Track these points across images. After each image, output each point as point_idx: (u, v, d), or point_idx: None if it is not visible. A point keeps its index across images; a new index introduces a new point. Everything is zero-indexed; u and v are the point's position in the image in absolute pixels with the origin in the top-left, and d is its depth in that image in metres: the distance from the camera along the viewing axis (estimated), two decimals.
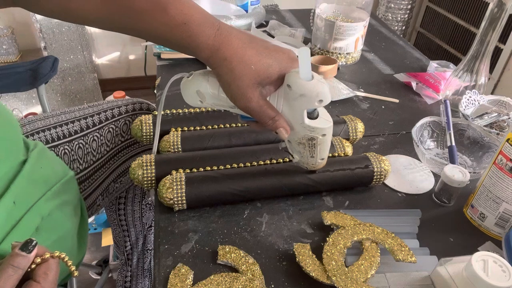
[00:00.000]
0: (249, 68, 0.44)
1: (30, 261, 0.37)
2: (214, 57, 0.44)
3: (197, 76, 0.48)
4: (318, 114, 0.49)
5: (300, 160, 0.56)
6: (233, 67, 0.44)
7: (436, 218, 0.60)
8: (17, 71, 1.15)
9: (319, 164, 0.56)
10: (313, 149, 0.52)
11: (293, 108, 0.47)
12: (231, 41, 0.44)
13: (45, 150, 0.62)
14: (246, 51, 0.44)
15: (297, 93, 0.45)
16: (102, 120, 0.77)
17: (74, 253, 0.62)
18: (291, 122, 0.49)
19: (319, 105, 0.45)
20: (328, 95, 0.45)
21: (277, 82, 0.47)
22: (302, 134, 0.50)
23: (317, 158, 0.54)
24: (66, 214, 0.59)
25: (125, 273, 1.03)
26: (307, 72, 0.44)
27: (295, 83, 0.45)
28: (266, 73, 0.45)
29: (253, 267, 0.49)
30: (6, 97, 1.90)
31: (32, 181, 0.54)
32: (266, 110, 0.47)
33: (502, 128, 0.76)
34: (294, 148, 0.54)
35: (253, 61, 0.44)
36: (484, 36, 0.78)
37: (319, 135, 0.49)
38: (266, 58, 0.45)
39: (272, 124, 0.48)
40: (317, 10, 1.02)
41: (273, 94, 0.48)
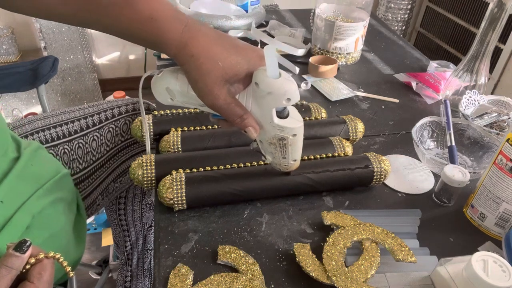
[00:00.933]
0: (216, 65, 0.43)
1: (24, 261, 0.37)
2: (181, 54, 0.44)
3: (167, 73, 0.48)
4: (288, 114, 0.48)
5: (272, 161, 0.55)
6: (200, 64, 0.43)
7: (436, 218, 0.60)
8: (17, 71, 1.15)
9: (291, 165, 0.55)
10: (284, 150, 0.51)
11: (261, 106, 0.47)
12: (198, 38, 0.43)
13: (39, 149, 0.62)
14: (213, 48, 0.43)
15: (264, 91, 0.44)
16: (102, 120, 0.77)
17: (71, 251, 0.61)
18: (261, 121, 0.48)
19: (287, 103, 0.45)
20: (296, 93, 0.45)
21: (246, 80, 0.46)
22: (272, 134, 0.49)
23: (289, 159, 0.53)
24: (58, 211, 0.59)
25: (125, 273, 1.03)
26: (274, 70, 0.44)
27: (262, 81, 0.44)
28: (234, 71, 0.44)
29: (253, 267, 0.49)
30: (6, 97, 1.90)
31: (22, 178, 0.54)
32: (234, 108, 0.46)
33: (502, 128, 0.76)
34: (266, 148, 0.53)
35: (221, 58, 0.43)
36: (484, 36, 0.78)
37: (290, 135, 0.49)
38: (234, 55, 0.44)
39: (241, 122, 0.47)
40: (317, 10, 1.01)
41: (242, 92, 0.47)
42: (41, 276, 0.37)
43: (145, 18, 0.43)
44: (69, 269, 0.41)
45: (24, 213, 0.51)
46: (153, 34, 0.43)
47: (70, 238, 0.61)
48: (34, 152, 0.59)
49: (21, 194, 0.53)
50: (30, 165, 0.56)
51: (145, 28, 0.43)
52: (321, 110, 0.73)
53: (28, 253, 0.37)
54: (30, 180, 0.55)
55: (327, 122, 0.70)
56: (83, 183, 0.75)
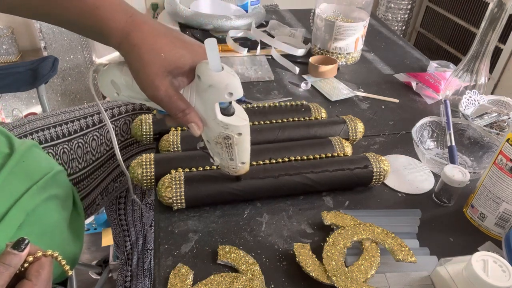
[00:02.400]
0: (158, 56, 0.43)
1: (22, 259, 0.37)
2: (124, 43, 0.43)
3: (112, 66, 0.47)
4: (234, 112, 0.48)
5: (220, 163, 0.54)
6: (142, 54, 0.42)
7: (436, 218, 0.60)
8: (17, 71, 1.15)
9: (240, 168, 0.54)
10: (230, 150, 0.50)
11: (204, 101, 0.46)
12: (142, 28, 0.43)
13: (33, 147, 0.62)
14: (157, 39, 0.43)
15: (206, 84, 0.44)
16: (102, 119, 0.77)
17: (68, 248, 0.61)
18: (205, 118, 0.47)
19: (229, 98, 0.44)
20: (238, 88, 0.44)
21: (190, 75, 0.46)
22: (217, 132, 0.48)
23: (236, 161, 0.52)
24: (51, 208, 0.59)
25: (125, 273, 1.03)
26: (216, 63, 0.43)
27: (204, 73, 0.43)
28: (177, 63, 0.44)
29: (253, 267, 0.49)
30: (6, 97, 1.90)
31: (14, 175, 0.54)
32: (176, 101, 0.45)
33: (502, 128, 0.76)
34: (213, 149, 0.52)
35: (164, 50, 0.43)
36: (484, 36, 0.78)
37: (235, 133, 0.48)
38: (179, 48, 0.44)
39: (183, 117, 0.46)
40: (317, 10, 1.01)
41: (186, 87, 0.47)
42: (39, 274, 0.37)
43: (90, 7, 0.42)
44: (68, 268, 0.41)
45: (17, 211, 0.51)
46: (97, 23, 0.43)
47: (65, 235, 0.61)
48: (27, 150, 0.59)
49: (13, 191, 0.53)
50: (22, 162, 0.56)
51: (91, 17, 0.43)
52: (321, 110, 0.73)
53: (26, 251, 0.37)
54: (22, 177, 0.55)
55: (327, 122, 0.70)
56: (83, 183, 0.75)
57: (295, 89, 0.92)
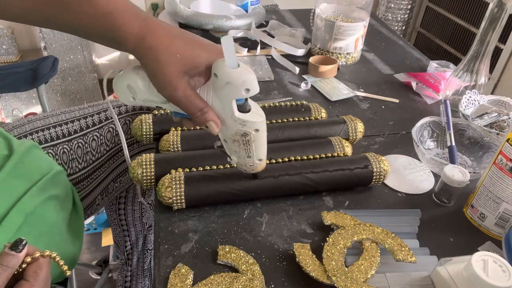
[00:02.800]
0: (174, 57, 0.43)
1: (19, 260, 0.37)
2: (140, 47, 0.43)
3: (128, 70, 0.48)
4: (250, 109, 0.48)
5: (238, 161, 0.54)
6: (158, 56, 0.43)
7: (436, 218, 0.60)
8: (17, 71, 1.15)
9: (257, 165, 0.54)
10: (248, 147, 0.51)
11: (221, 99, 0.46)
12: (157, 31, 0.43)
13: (32, 147, 0.62)
14: (172, 40, 0.44)
15: (223, 81, 0.44)
16: (102, 119, 0.77)
17: (67, 248, 0.61)
18: (222, 116, 0.48)
19: (246, 94, 0.44)
20: (255, 84, 0.44)
21: (207, 74, 0.46)
22: (235, 129, 0.48)
23: (254, 158, 0.53)
24: (50, 209, 0.59)
25: (125, 273, 1.03)
26: (232, 60, 0.43)
27: (221, 70, 0.44)
28: (193, 63, 0.44)
29: (253, 267, 0.49)
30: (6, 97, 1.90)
31: (13, 176, 0.54)
32: (193, 101, 0.45)
33: (502, 128, 0.76)
34: (230, 147, 0.52)
35: (180, 51, 0.43)
36: (484, 36, 0.78)
37: (252, 130, 0.48)
38: (193, 48, 0.44)
39: (201, 116, 0.46)
40: (317, 10, 1.01)
41: (203, 86, 0.47)
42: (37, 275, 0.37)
43: (104, 12, 0.42)
44: (66, 268, 0.41)
45: (17, 212, 0.51)
46: (111, 28, 0.43)
47: (64, 235, 0.61)
48: (26, 151, 0.59)
49: (13, 192, 0.53)
50: (21, 163, 0.56)
51: (104, 23, 0.43)
52: (321, 110, 0.73)
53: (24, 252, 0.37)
54: (21, 178, 0.55)
55: (327, 122, 0.70)
56: (83, 183, 0.75)
57: (295, 89, 0.92)
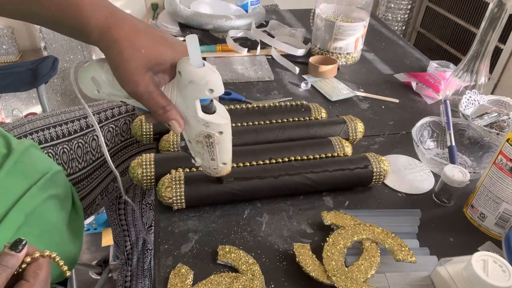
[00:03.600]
0: (139, 52, 0.43)
1: (19, 260, 0.37)
2: (104, 39, 0.43)
3: (93, 62, 0.47)
4: (215, 110, 0.47)
5: (202, 164, 0.54)
6: (122, 50, 0.42)
7: (436, 218, 0.60)
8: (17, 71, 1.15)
9: (221, 169, 0.53)
10: (211, 149, 0.50)
11: (185, 98, 0.46)
12: (123, 24, 0.43)
13: (31, 147, 0.62)
14: (138, 35, 0.43)
15: (186, 80, 0.44)
16: (102, 119, 0.77)
17: (67, 248, 0.61)
18: (186, 116, 0.47)
19: (210, 95, 0.44)
20: (219, 85, 0.44)
21: (172, 72, 0.46)
22: (198, 130, 0.48)
23: (218, 162, 0.52)
24: (50, 208, 0.59)
25: (125, 273, 1.03)
26: (197, 59, 0.43)
27: (185, 69, 0.43)
28: (157, 59, 0.44)
29: (253, 267, 0.49)
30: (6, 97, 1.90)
31: (11, 175, 0.54)
32: (156, 98, 0.45)
33: (502, 128, 0.76)
34: (194, 148, 0.52)
35: (144, 46, 0.43)
36: (484, 36, 0.78)
37: (216, 132, 0.48)
38: (159, 45, 0.44)
39: (163, 114, 0.46)
40: (317, 10, 1.01)
41: (167, 84, 0.47)
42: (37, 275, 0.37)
43: (71, 3, 0.42)
44: (66, 268, 0.41)
45: (17, 212, 0.51)
46: (77, 19, 0.42)
47: (64, 235, 0.61)
48: (25, 150, 0.59)
49: (12, 191, 0.53)
50: (19, 162, 0.56)
51: (70, 14, 0.42)
52: (321, 110, 0.73)
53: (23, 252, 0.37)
54: (20, 177, 0.55)
55: (327, 122, 0.70)
56: (83, 183, 0.75)
57: (295, 89, 0.92)
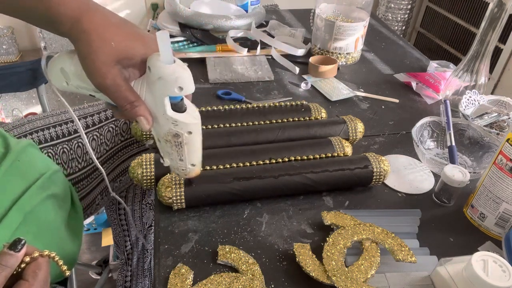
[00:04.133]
0: (108, 44, 0.42)
1: (18, 259, 0.37)
2: (74, 30, 0.42)
3: (63, 53, 0.46)
4: (185, 109, 0.47)
5: (170, 164, 0.53)
6: (91, 41, 0.42)
7: (436, 218, 0.60)
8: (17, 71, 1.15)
9: (190, 170, 0.52)
10: (180, 150, 0.49)
11: (154, 94, 0.45)
12: (94, 15, 0.42)
13: (29, 146, 0.62)
14: (109, 28, 0.42)
15: (155, 76, 0.43)
16: (102, 119, 0.77)
17: (66, 247, 0.61)
18: (155, 113, 0.46)
19: (179, 92, 0.43)
20: (189, 82, 0.43)
21: (142, 68, 0.45)
22: (167, 129, 0.47)
23: (186, 163, 0.51)
24: (49, 208, 0.59)
25: (125, 272, 1.03)
26: (168, 55, 0.42)
27: (154, 64, 0.43)
28: (127, 53, 0.43)
29: (253, 267, 0.49)
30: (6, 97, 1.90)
31: (9, 175, 0.54)
32: (124, 92, 0.44)
33: (502, 128, 0.76)
34: (163, 147, 0.51)
35: (115, 39, 0.42)
36: (484, 36, 0.78)
37: (185, 132, 0.47)
38: (131, 40, 0.43)
39: (131, 109, 0.45)
40: (317, 10, 1.01)
41: (137, 80, 0.46)
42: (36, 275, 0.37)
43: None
44: (65, 268, 0.41)
45: (16, 212, 0.51)
46: (48, 9, 0.42)
47: (63, 234, 0.61)
48: (23, 149, 0.59)
49: (10, 190, 0.53)
50: (17, 161, 0.56)
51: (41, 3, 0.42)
52: (321, 110, 0.73)
53: (22, 252, 0.37)
54: (18, 177, 0.55)
55: (327, 122, 0.70)
56: (82, 182, 0.75)
57: (295, 89, 0.92)
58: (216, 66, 0.97)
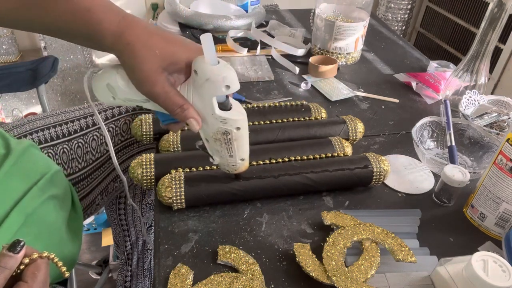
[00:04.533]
0: (153, 53, 0.43)
1: (17, 261, 0.37)
2: (118, 43, 0.43)
3: (107, 68, 0.47)
4: (231, 107, 0.48)
5: (220, 161, 0.54)
6: (137, 51, 0.43)
7: (436, 218, 0.60)
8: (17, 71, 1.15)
9: (240, 165, 0.53)
10: (230, 146, 0.50)
11: (202, 96, 0.46)
12: (135, 28, 0.43)
13: (30, 147, 0.62)
14: (151, 37, 0.43)
15: (203, 78, 0.44)
16: (102, 119, 0.77)
17: (66, 247, 0.61)
18: (203, 114, 0.47)
19: (226, 91, 0.44)
20: (235, 80, 0.44)
21: (187, 72, 0.46)
22: (216, 128, 0.48)
23: (236, 158, 0.52)
24: (49, 208, 0.59)
25: (125, 272, 1.03)
26: (212, 56, 0.43)
27: (200, 67, 0.44)
28: (172, 59, 0.44)
29: (253, 267, 0.49)
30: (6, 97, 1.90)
31: (10, 176, 0.54)
32: (173, 97, 0.45)
33: (502, 128, 0.76)
34: (212, 146, 0.52)
35: (158, 47, 0.43)
36: (484, 36, 0.78)
37: (233, 128, 0.48)
38: (173, 45, 0.44)
39: (181, 113, 0.46)
40: (317, 10, 1.01)
41: (183, 84, 0.47)
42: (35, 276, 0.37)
43: (82, 9, 0.42)
44: (64, 269, 0.41)
45: (18, 213, 0.51)
46: (89, 25, 0.43)
47: (63, 235, 0.61)
48: (24, 150, 0.59)
49: (11, 191, 0.53)
50: (18, 162, 0.56)
51: (82, 20, 0.43)
52: (321, 110, 0.73)
53: (21, 253, 0.37)
54: (19, 178, 0.55)
55: (327, 122, 0.70)
56: (82, 183, 0.75)
57: (295, 89, 0.92)
58: None
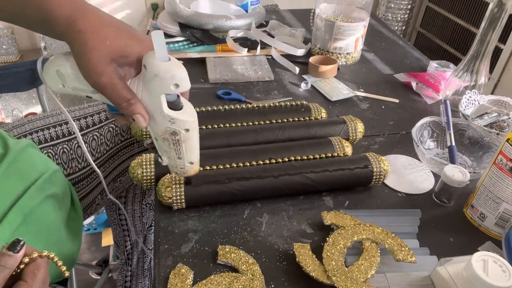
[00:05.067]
0: (103, 43, 0.42)
1: (17, 260, 0.37)
2: (69, 30, 0.42)
3: (59, 55, 0.46)
4: (182, 107, 0.47)
5: (169, 163, 0.52)
6: (86, 40, 0.42)
7: (436, 218, 0.60)
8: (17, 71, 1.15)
9: (188, 169, 0.52)
10: (178, 147, 0.49)
11: (150, 92, 0.45)
12: (89, 16, 0.43)
13: (28, 147, 0.62)
14: (104, 27, 0.43)
15: (151, 74, 0.43)
16: (102, 119, 0.77)
17: (65, 247, 0.61)
18: (151, 111, 0.46)
19: (175, 89, 0.43)
20: (185, 79, 0.43)
21: (138, 66, 0.45)
22: (164, 127, 0.47)
23: (185, 161, 0.50)
24: (48, 208, 0.59)
25: (125, 272, 1.03)
26: (163, 53, 0.43)
27: (150, 62, 0.43)
28: (122, 51, 0.43)
29: (253, 267, 0.49)
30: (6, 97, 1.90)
31: (8, 175, 0.54)
32: (120, 90, 0.44)
33: (502, 128, 0.76)
34: (161, 146, 0.51)
35: (110, 38, 0.43)
36: (484, 36, 0.78)
37: (182, 129, 0.47)
38: (126, 38, 0.44)
39: (128, 107, 0.45)
40: (317, 10, 1.01)
41: (133, 78, 0.46)
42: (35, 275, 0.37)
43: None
44: (64, 269, 0.41)
45: (16, 212, 0.51)
46: (42, 10, 0.42)
47: (62, 234, 0.61)
48: (22, 150, 0.59)
49: (9, 191, 0.53)
50: (16, 162, 0.56)
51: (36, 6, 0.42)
52: (321, 110, 0.73)
53: (21, 253, 0.37)
54: (18, 177, 0.55)
55: (327, 122, 0.70)
56: (82, 182, 0.75)
57: (295, 89, 0.92)
58: (216, 66, 0.97)
